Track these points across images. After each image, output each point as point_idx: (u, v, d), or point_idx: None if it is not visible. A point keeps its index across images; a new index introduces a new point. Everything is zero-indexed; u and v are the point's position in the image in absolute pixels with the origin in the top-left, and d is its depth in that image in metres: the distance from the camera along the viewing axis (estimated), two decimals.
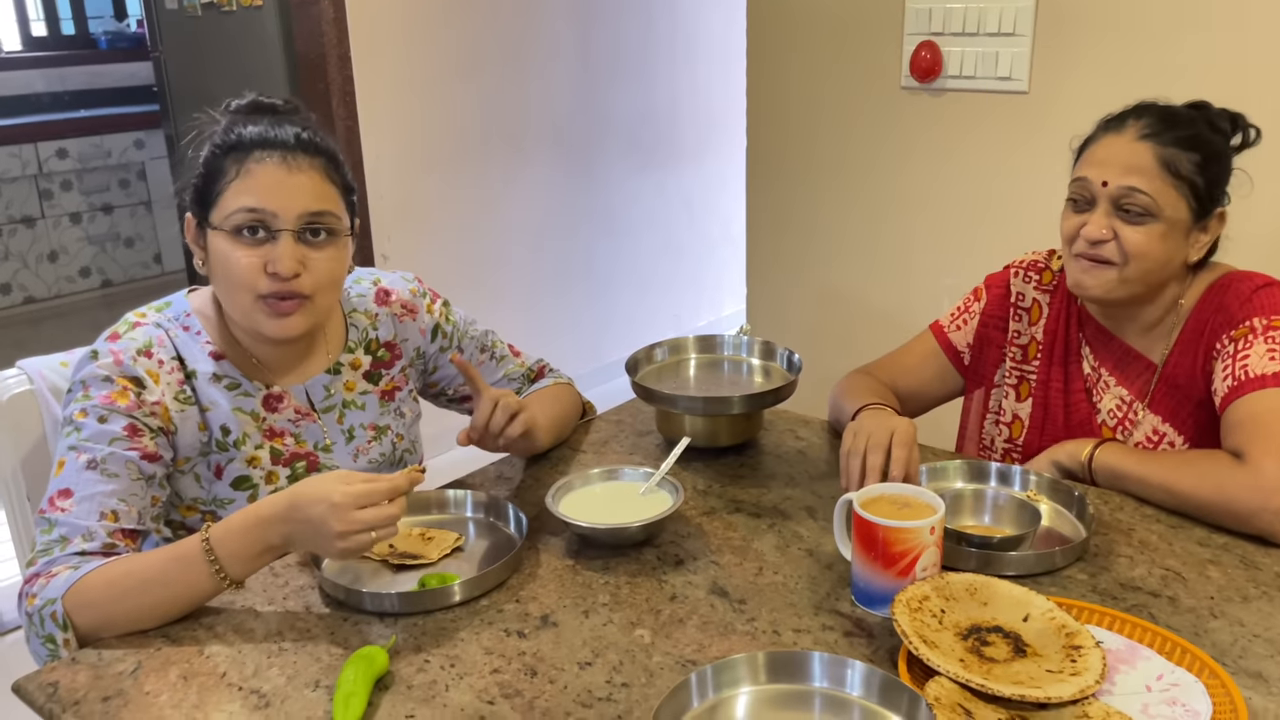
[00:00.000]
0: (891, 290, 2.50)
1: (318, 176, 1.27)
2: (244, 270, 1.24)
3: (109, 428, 1.20)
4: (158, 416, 1.24)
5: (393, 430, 1.46)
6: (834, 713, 0.93)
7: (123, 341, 1.26)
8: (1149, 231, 1.34)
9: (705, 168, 4.38)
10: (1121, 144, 1.36)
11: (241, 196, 1.24)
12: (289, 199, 1.24)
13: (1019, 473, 1.35)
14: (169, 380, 1.27)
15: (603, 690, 0.99)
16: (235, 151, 1.25)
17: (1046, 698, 0.91)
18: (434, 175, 3.30)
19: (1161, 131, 1.35)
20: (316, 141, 1.29)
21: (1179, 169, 1.33)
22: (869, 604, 1.11)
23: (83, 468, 1.18)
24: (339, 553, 1.09)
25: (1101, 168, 1.36)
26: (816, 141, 2.54)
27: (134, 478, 1.21)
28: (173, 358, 1.28)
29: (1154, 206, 1.33)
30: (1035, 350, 1.55)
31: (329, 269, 1.28)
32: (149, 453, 1.22)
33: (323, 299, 1.29)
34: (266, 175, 1.24)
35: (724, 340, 1.67)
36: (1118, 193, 1.35)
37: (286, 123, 1.29)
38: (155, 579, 1.10)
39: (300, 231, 1.25)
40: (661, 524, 1.26)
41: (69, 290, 5.20)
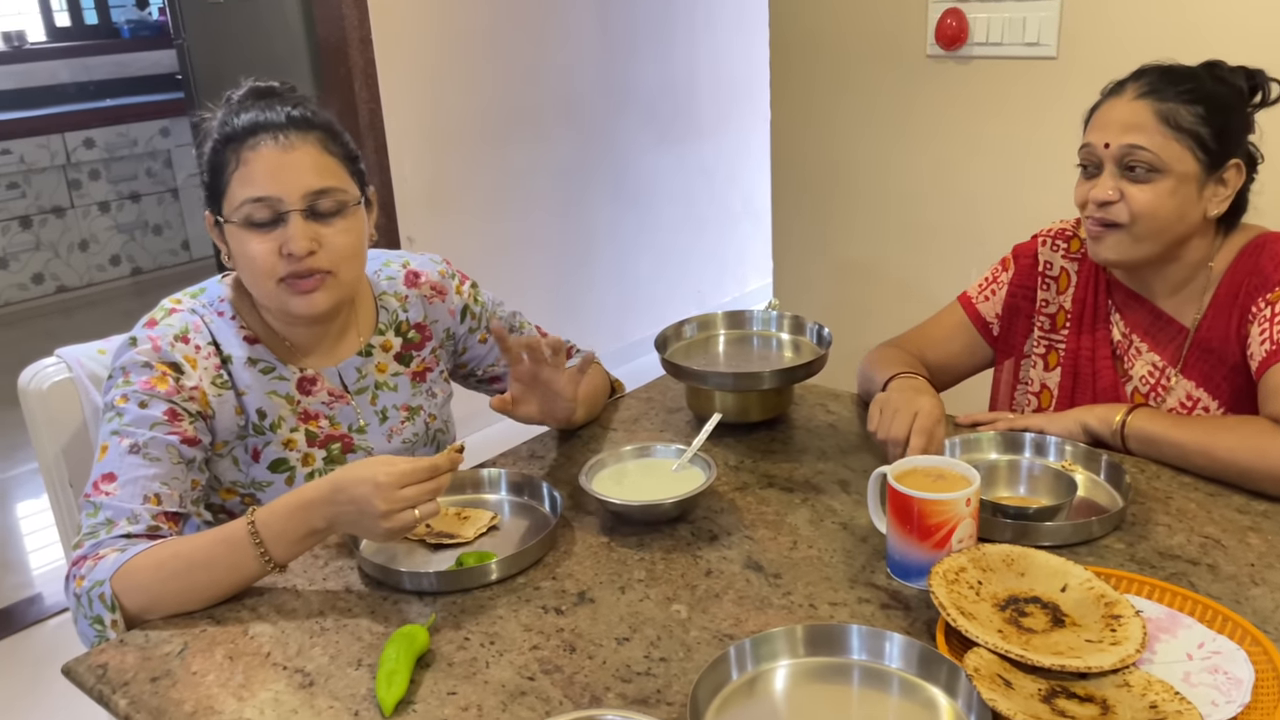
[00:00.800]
0: (919, 262, 2.48)
1: (314, 151, 1.26)
2: (261, 258, 1.25)
3: (149, 413, 1.22)
4: (196, 401, 1.26)
5: (425, 411, 1.47)
6: (873, 685, 0.94)
7: (160, 328, 1.28)
8: (1155, 189, 1.33)
9: (726, 140, 4.36)
10: (1121, 105, 1.36)
11: (244, 187, 1.24)
12: (290, 180, 1.24)
13: (1054, 443, 1.35)
14: (206, 365, 1.28)
15: (641, 665, 1.00)
16: (232, 143, 1.26)
17: (1087, 667, 0.91)
18: (457, 156, 3.30)
19: (1161, 88, 1.34)
20: (309, 116, 1.28)
21: (1179, 122, 1.32)
22: (905, 576, 1.11)
23: (125, 452, 1.20)
24: (383, 533, 1.10)
25: (1103, 130, 1.36)
26: (841, 112, 2.51)
27: (175, 461, 1.22)
28: (209, 343, 1.30)
29: (1157, 161, 1.32)
30: (1064, 319, 1.54)
31: (344, 242, 1.28)
32: (188, 437, 1.24)
33: (345, 272, 1.30)
34: (263, 160, 1.24)
35: (753, 315, 1.66)
36: (1119, 152, 1.34)
37: (279, 104, 1.28)
38: (202, 561, 1.12)
39: (308, 210, 1.25)
40: (695, 500, 1.26)
41: (100, 279, 5.26)
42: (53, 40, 5.39)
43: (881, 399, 1.34)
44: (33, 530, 3.18)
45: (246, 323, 1.33)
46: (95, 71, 5.33)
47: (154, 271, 5.44)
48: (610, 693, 0.96)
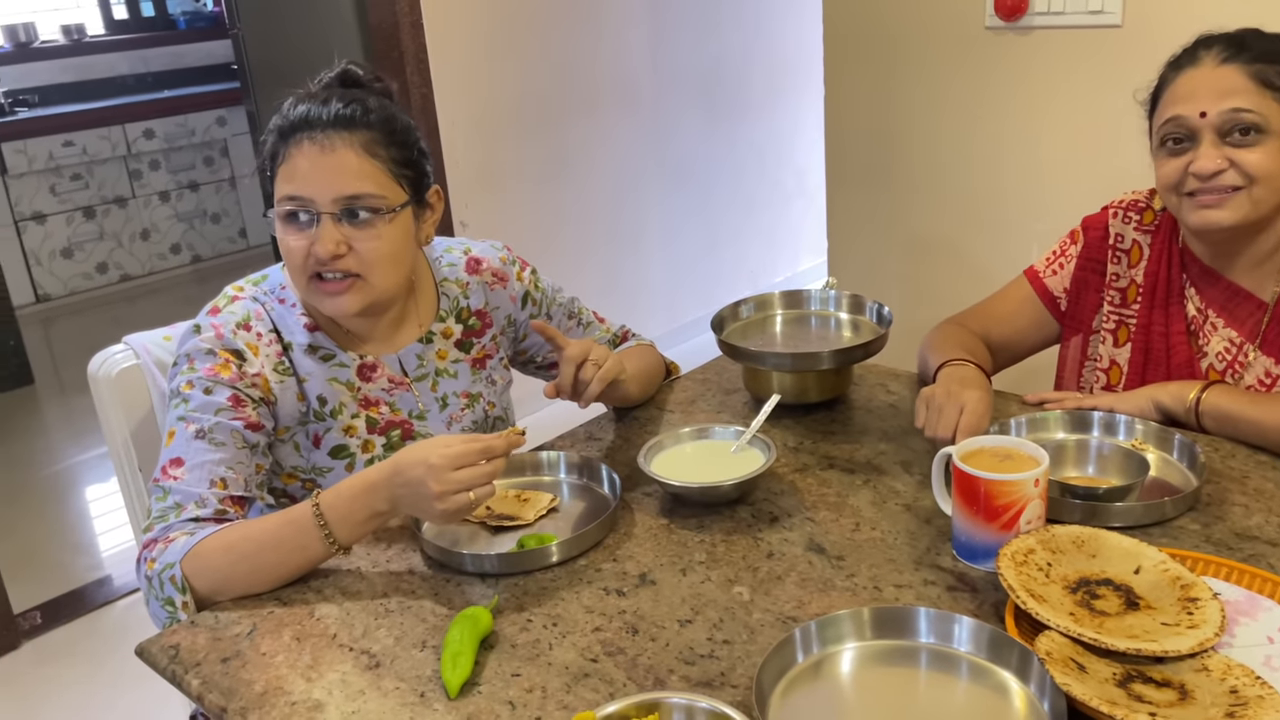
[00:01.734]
0: (980, 237, 2.43)
1: (354, 155, 1.24)
2: (294, 254, 1.26)
3: (214, 399, 1.24)
4: (258, 387, 1.28)
5: (485, 397, 1.47)
6: (942, 668, 0.92)
7: (223, 316, 1.30)
8: (1265, 149, 1.29)
9: (777, 117, 4.31)
10: (1205, 73, 1.31)
11: (285, 184, 1.25)
12: (323, 183, 1.23)
13: (1124, 422, 1.31)
14: (268, 352, 1.30)
15: (704, 647, 1.00)
16: (281, 137, 1.26)
17: (1164, 651, 0.88)
18: (508, 138, 3.30)
19: (1239, 51, 1.30)
20: (356, 116, 1.26)
21: (1271, 80, 1.29)
22: (971, 558, 1.09)
23: (192, 437, 1.22)
24: (439, 515, 1.10)
25: (1192, 101, 1.31)
26: (897, 86, 2.47)
27: (239, 446, 1.24)
28: (270, 330, 1.31)
29: (1262, 122, 1.28)
30: (1135, 293, 1.49)
31: (376, 247, 1.26)
32: (252, 422, 1.26)
33: (378, 277, 1.28)
34: (303, 160, 1.24)
35: (811, 295, 1.64)
36: (1220, 119, 1.29)
37: (339, 98, 1.27)
38: (269, 543, 1.14)
39: (341, 214, 1.25)
40: (754, 482, 1.25)
41: (161, 267, 5.37)
42: (111, 33, 5.49)
43: (926, 394, 1.31)
44: (102, 513, 3.26)
45: (307, 310, 1.35)
46: (153, 63, 5.42)
47: (213, 259, 5.54)
48: (674, 675, 0.96)
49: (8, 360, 4.12)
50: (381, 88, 1.35)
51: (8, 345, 4.11)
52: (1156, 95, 1.39)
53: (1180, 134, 1.33)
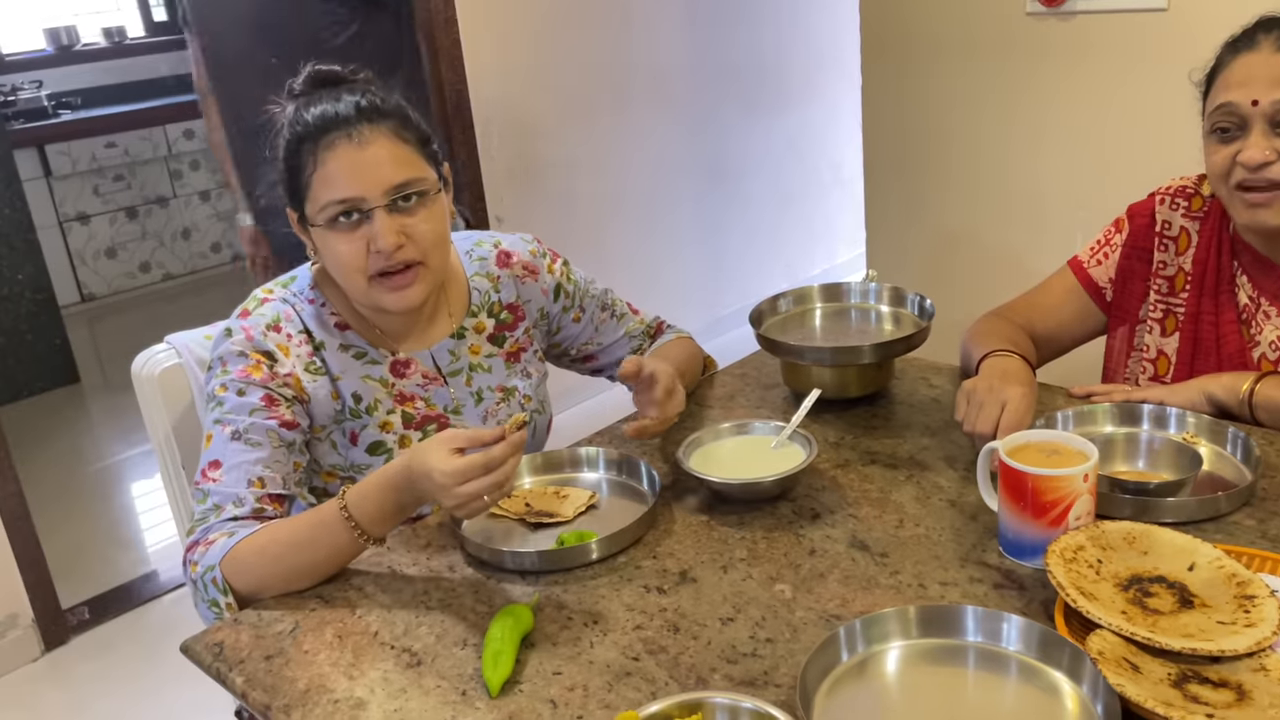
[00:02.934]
0: (1021, 228, 2.39)
1: (389, 143, 1.25)
2: (350, 256, 1.25)
3: (248, 400, 1.25)
4: (291, 387, 1.28)
5: (520, 391, 1.47)
6: (990, 668, 0.91)
7: (252, 318, 1.30)
8: None
9: (814, 110, 4.27)
10: (1261, 60, 1.27)
11: (325, 189, 1.24)
12: (370, 178, 1.23)
13: (1174, 414, 1.28)
14: (299, 353, 1.30)
15: (747, 645, 0.99)
16: (306, 142, 1.25)
17: (1220, 651, 0.86)
18: (543, 133, 3.30)
19: None
20: (378, 105, 1.26)
21: None
22: (1019, 555, 1.07)
23: (228, 439, 1.23)
24: (463, 517, 1.12)
25: (1245, 88, 1.27)
26: (936, 75, 2.43)
27: (275, 445, 1.25)
28: (300, 331, 1.32)
29: None
30: (1183, 281, 1.46)
31: (429, 229, 1.28)
32: (287, 420, 1.26)
33: (435, 259, 1.30)
34: (341, 160, 1.23)
35: (850, 288, 1.62)
36: (1273, 109, 1.25)
37: (347, 93, 1.27)
38: (301, 544, 1.15)
39: (391, 204, 1.25)
40: (795, 478, 1.24)
41: (202, 265, 5.44)
42: (151, 35, 5.56)
43: (968, 388, 1.29)
44: (147, 509, 3.31)
45: (338, 309, 1.35)
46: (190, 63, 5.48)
47: None
48: (716, 674, 0.95)
49: (54, 358, 4.19)
50: (365, 77, 1.34)
51: (54, 344, 4.18)
52: (1211, 77, 1.35)
53: (1231, 122, 1.30)
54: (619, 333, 1.58)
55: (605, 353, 1.58)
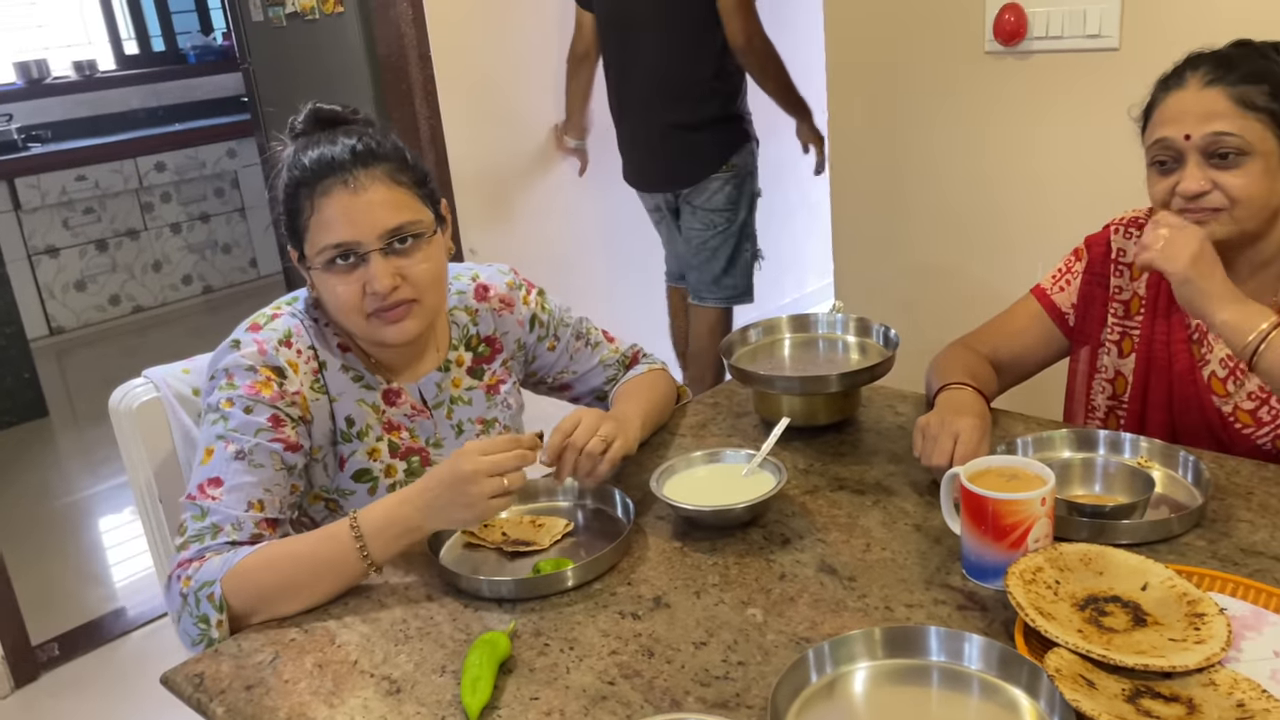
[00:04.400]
0: (984, 259, 2.45)
1: (384, 188, 1.27)
2: (347, 297, 1.28)
3: (254, 419, 1.25)
4: (298, 406, 1.29)
5: (499, 423, 1.50)
6: (953, 686, 0.94)
7: (265, 331, 1.31)
8: (1247, 171, 1.31)
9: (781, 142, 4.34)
10: (1189, 96, 1.34)
11: (322, 234, 1.26)
12: (364, 223, 1.25)
13: (1129, 440, 1.33)
14: (306, 370, 1.31)
15: (719, 669, 1.01)
16: (304, 187, 1.27)
17: (1171, 666, 0.90)
18: (518, 166, 3.34)
19: (1225, 74, 1.33)
20: (372, 149, 1.28)
21: (1254, 102, 1.31)
22: (981, 577, 1.11)
23: (231, 458, 1.24)
24: (474, 502, 1.15)
25: (1178, 123, 1.34)
26: (900, 111, 2.50)
27: (277, 468, 1.26)
28: (308, 347, 1.33)
29: (1244, 144, 1.31)
30: (1138, 305, 1.52)
31: (425, 270, 1.30)
32: (291, 443, 1.28)
33: (430, 298, 1.32)
34: (336, 205, 1.25)
35: (818, 318, 1.66)
36: (1204, 142, 1.32)
37: (344, 135, 1.29)
38: (307, 558, 1.17)
39: (386, 246, 1.27)
40: (766, 504, 1.27)
41: (173, 298, 5.42)
42: (122, 68, 5.57)
43: (922, 423, 1.34)
44: (116, 544, 3.29)
45: (339, 330, 1.37)
46: (164, 97, 5.50)
47: (224, 289, 5.59)
48: (690, 696, 0.98)
49: (23, 392, 4.16)
50: (363, 119, 1.36)
51: (23, 378, 4.15)
52: (1148, 113, 1.42)
53: (1167, 155, 1.36)
54: (594, 361, 1.61)
55: (581, 381, 1.61)
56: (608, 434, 1.34)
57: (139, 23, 5.65)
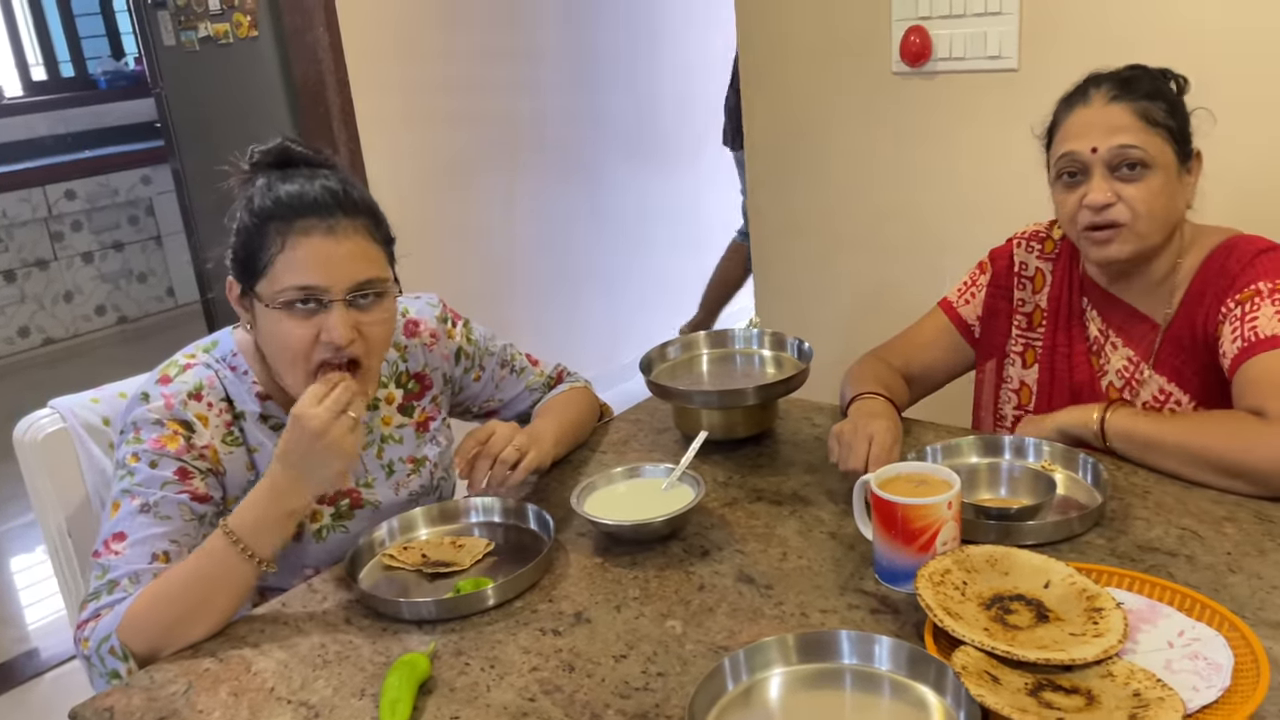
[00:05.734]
0: (897, 273, 2.52)
1: (363, 241, 1.25)
2: (298, 343, 1.23)
3: (160, 472, 1.23)
4: (206, 459, 1.27)
5: (430, 461, 1.48)
6: (865, 688, 0.96)
7: (174, 385, 1.28)
8: (1149, 184, 1.37)
9: (706, 161, 4.40)
10: (1094, 111, 1.40)
11: (291, 273, 1.22)
12: (339, 272, 1.22)
13: (1032, 444, 1.38)
14: (217, 423, 1.29)
15: (639, 680, 1.02)
16: (276, 220, 1.22)
17: (1071, 660, 0.93)
18: (438, 191, 3.33)
19: (1126, 91, 1.39)
20: (355, 200, 1.26)
21: (1155, 118, 1.38)
22: (892, 581, 1.14)
23: (136, 511, 1.21)
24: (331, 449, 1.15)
25: (1084, 137, 1.39)
26: (812, 131, 2.56)
27: (186, 519, 1.24)
28: (221, 399, 1.30)
29: (1147, 158, 1.36)
30: (1040, 317, 1.58)
31: (380, 331, 1.28)
32: (199, 494, 1.25)
33: (376, 360, 1.29)
34: (314, 249, 1.21)
35: (735, 334, 1.69)
36: (1110, 155, 1.38)
37: (323, 179, 1.25)
38: (192, 580, 1.15)
39: (351, 299, 1.24)
40: (685, 517, 1.29)
41: (86, 329, 5.27)
42: (30, 94, 5.42)
43: (836, 430, 1.37)
44: (28, 584, 3.17)
45: (259, 378, 1.33)
46: (74, 123, 5.36)
47: (140, 320, 5.45)
48: (610, 709, 0.98)
49: None
50: (334, 164, 1.32)
51: None
52: (1052, 130, 1.47)
53: (1074, 168, 1.41)
54: (519, 387, 1.61)
55: (507, 408, 1.61)
56: (522, 444, 1.35)
57: (47, 48, 5.51)
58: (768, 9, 2.56)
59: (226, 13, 3.15)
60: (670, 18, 4.13)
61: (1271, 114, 1.90)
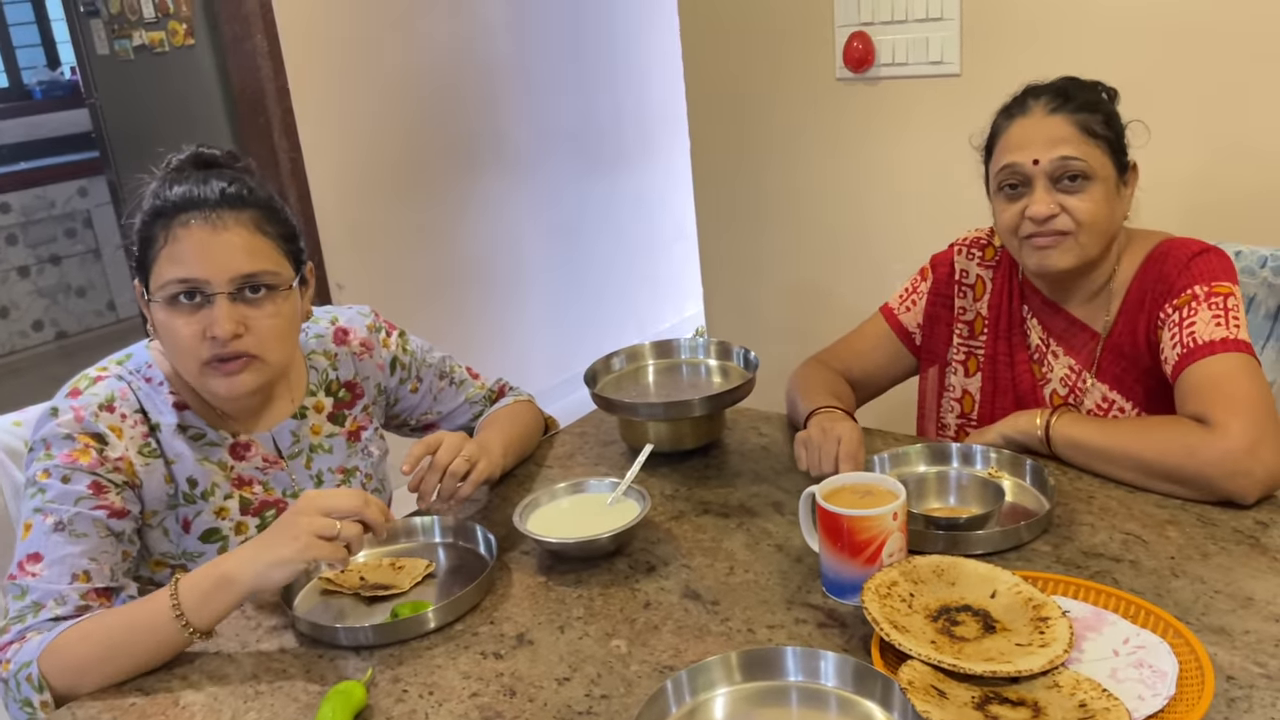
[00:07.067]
0: (845, 278, 2.52)
1: (246, 233, 1.23)
2: (185, 339, 1.21)
3: (73, 488, 1.19)
4: (122, 472, 1.23)
5: (361, 471, 1.45)
6: (811, 705, 0.94)
7: (84, 397, 1.24)
8: (1091, 195, 1.37)
9: (652, 169, 4.39)
10: (1034, 123, 1.40)
11: (171, 266, 1.20)
12: (218, 262, 1.21)
13: (980, 451, 1.37)
14: (132, 434, 1.25)
15: (582, 704, 1.00)
16: (161, 218, 1.21)
17: (1017, 671, 0.92)
18: (382, 199, 3.29)
19: (1065, 102, 1.39)
20: (243, 195, 1.24)
21: (1094, 129, 1.38)
22: (839, 594, 1.12)
23: (50, 530, 1.17)
24: (296, 535, 1.09)
25: (1026, 149, 1.39)
26: (757, 138, 2.55)
27: (103, 535, 1.19)
28: (135, 411, 1.26)
29: (1088, 169, 1.36)
30: (981, 325, 1.57)
31: (271, 325, 1.25)
32: (116, 509, 1.21)
33: (272, 355, 1.26)
34: (192, 240, 1.20)
35: (680, 344, 1.67)
36: (1052, 166, 1.37)
37: (216, 177, 1.24)
38: (124, 629, 1.10)
39: (236, 292, 1.22)
40: (631, 532, 1.26)
41: (23, 345, 5.12)
42: None
43: (803, 437, 1.36)
44: None
45: (176, 389, 1.30)
46: (7, 134, 5.22)
47: (79, 335, 5.31)
48: None
49: None
50: (243, 165, 1.31)
51: None
52: (991, 141, 1.47)
53: (1016, 180, 1.41)
54: (459, 400, 1.58)
55: (446, 421, 1.58)
56: (471, 454, 1.32)
57: None
58: (711, 15, 2.55)
59: (162, 21, 3.08)
60: (618, 21, 4.12)
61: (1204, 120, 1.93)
